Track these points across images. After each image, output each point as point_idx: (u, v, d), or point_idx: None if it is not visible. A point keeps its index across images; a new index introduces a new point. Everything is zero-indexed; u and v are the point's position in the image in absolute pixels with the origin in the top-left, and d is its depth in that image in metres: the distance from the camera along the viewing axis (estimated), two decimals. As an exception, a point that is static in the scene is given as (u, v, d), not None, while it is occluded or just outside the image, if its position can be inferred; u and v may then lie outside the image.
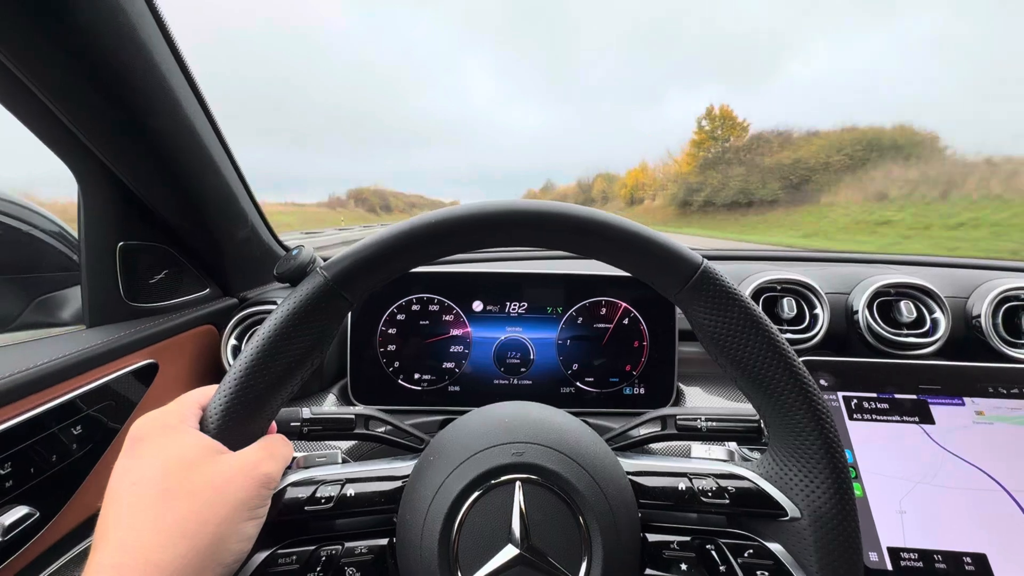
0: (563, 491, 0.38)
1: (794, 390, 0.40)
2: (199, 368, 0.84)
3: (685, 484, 0.43)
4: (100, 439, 0.63)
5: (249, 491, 0.36)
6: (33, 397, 0.55)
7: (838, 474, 0.39)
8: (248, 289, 0.99)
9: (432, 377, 0.87)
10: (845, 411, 0.62)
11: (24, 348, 0.63)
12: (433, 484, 0.39)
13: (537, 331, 0.87)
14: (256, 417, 0.40)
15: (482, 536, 0.37)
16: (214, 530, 0.33)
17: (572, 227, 0.40)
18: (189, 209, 0.79)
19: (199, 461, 0.35)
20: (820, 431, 0.39)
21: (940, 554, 0.54)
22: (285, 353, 0.39)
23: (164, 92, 0.64)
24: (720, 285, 0.40)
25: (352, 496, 0.42)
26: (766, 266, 1.00)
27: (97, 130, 0.63)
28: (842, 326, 0.93)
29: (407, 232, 0.39)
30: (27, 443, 0.53)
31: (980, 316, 0.89)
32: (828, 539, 0.39)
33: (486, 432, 0.42)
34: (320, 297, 0.39)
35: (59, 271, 0.86)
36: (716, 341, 0.41)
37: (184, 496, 0.34)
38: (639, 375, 0.87)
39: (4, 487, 0.51)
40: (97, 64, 0.56)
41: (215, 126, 0.77)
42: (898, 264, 1.09)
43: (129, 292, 0.75)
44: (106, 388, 0.64)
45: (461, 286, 0.87)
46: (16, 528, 0.52)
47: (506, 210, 0.40)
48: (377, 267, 0.40)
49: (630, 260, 0.42)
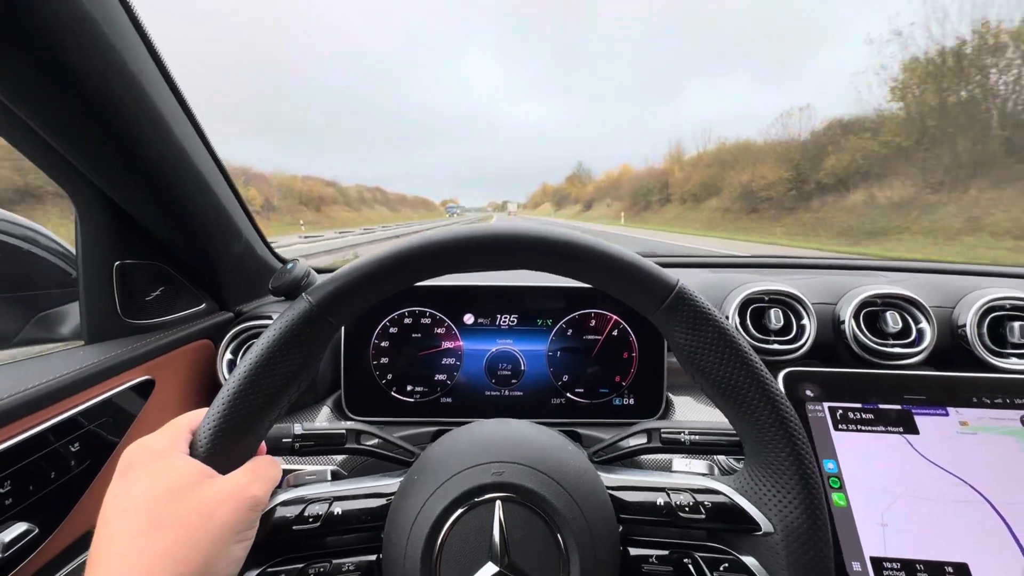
0: (542, 509, 0.39)
1: (766, 408, 0.41)
2: (195, 383, 0.85)
3: (664, 499, 0.44)
4: (98, 455, 0.65)
5: (238, 514, 0.37)
6: (34, 416, 0.57)
7: (810, 490, 0.40)
8: (244, 303, 1.00)
9: (424, 389, 0.88)
10: (831, 421, 0.62)
11: (26, 365, 0.64)
12: (416, 503, 0.40)
13: (528, 343, 0.88)
14: (245, 439, 0.41)
15: (463, 554, 0.38)
16: (203, 555, 0.34)
17: (551, 251, 0.41)
18: (183, 228, 0.80)
19: (188, 487, 0.36)
20: (792, 448, 0.41)
21: (922, 563, 0.55)
22: (272, 377, 0.40)
23: (156, 119, 0.66)
24: (694, 305, 0.41)
25: (339, 515, 0.43)
26: (754, 274, 1.01)
27: (91, 158, 0.65)
28: (829, 336, 0.94)
29: (391, 258, 0.41)
30: (27, 460, 0.55)
31: (966, 326, 0.90)
32: (799, 554, 0.40)
33: (468, 452, 0.43)
34: (305, 322, 0.40)
35: (58, 288, 0.87)
36: (691, 360, 0.42)
37: (173, 523, 0.35)
38: (628, 386, 0.88)
39: (4, 504, 0.52)
40: (90, 98, 0.58)
41: (207, 144, 0.78)
42: (885, 271, 1.10)
43: (126, 309, 0.77)
44: (104, 405, 0.66)
45: (453, 299, 0.89)
46: (16, 544, 0.53)
47: (486, 235, 0.41)
48: (360, 292, 0.41)
49: (609, 281, 0.43)
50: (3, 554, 0.51)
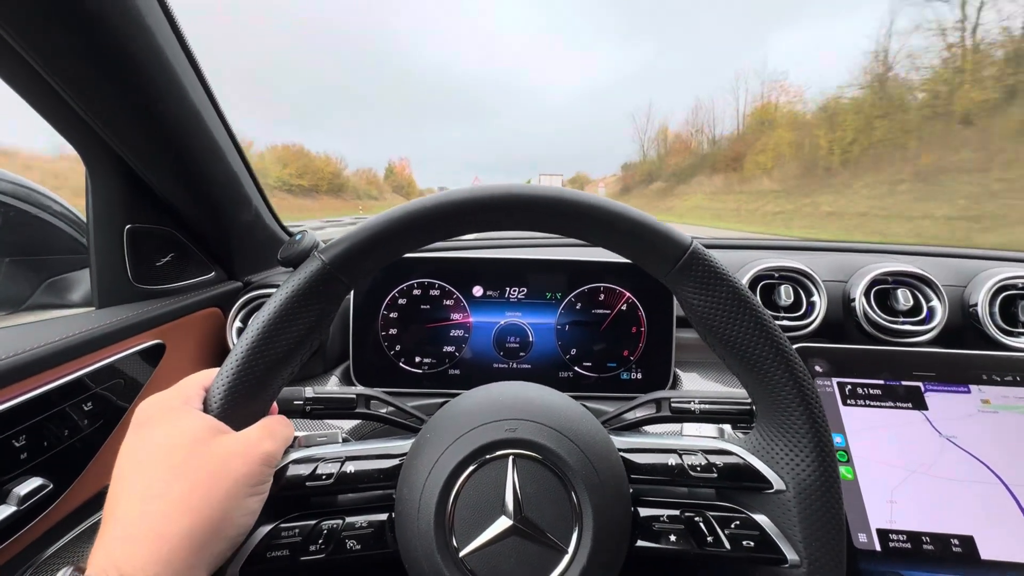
0: (555, 465, 0.39)
1: (781, 368, 0.41)
2: (205, 349, 0.86)
3: (675, 460, 0.44)
4: (110, 416, 0.65)
5: (250, 467, 0.38)
6: (48, 373, 0.57)
7: (822, 448, 0.41)
8: (252, 273, 1.01)
9: (433, 360, 0.88)
10: (839, 396, 0.63)
11: (39, 326, 0.65)
12: (430, 459, 0.40)
13: (536, 316, 0.88)
14: (257, 398, 0.41)
15: (477, 508, 0.38)
16: (218, 504, 0.35)
17: (566, 210, 0.41)
18: (195, 193, 0.80)
19: (202, 441, 0.37)
20: (806, 407, 0.41)
21: (928, 536, 0.55)
22: (284, 335, 0.40)
23: (171, 79, 0.66)
24: (708, 265, 0.41)
25: (352, 473, 0.44)
26: (764, 255, 1.00)
27: (107, 116, 0.64)
28: (839, 314, 0.93)
29: (402, 216, 0.40)
30: (40, 417, 0.55)
31: (977, 304, 0.89)
32: (812, 510, 0.40)
33: (481, 410, 0.43)
34: (318, 280, 0.40)
35: (67, 254, 0.87)
36: (705, 321, 0.42)
37: (188, 472, 0.35)
38: (636, 360, 0.88)
39: (19, 459, 0.53)
40: (108, 52, 0.58)
41: (220, 112, 0.78)
42: (895, 253, 1.09)
43: (137, 274, 0.77)
44: (116, 366, 0.66)
45: (461, 272, 0.88)
46: (31, 498, 0.53)
47: (499, 194, 0.41)
48: (373, 250, 0.41)
49: (622, 242, 0.43)
50: (20, 507, 0.52)
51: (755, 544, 0.41)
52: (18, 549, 0.55)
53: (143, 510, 0.34)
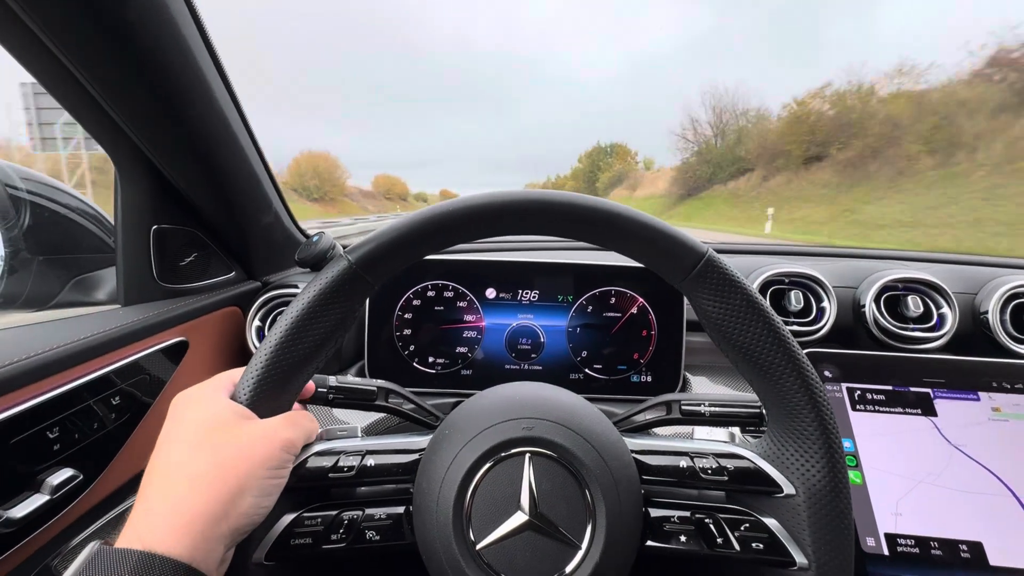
0: (570, 464, 0.41)
1: (792, 374, 0.41)
2: (225, 347, 0.88)
3: (686, 462, 0.45)
4: (136, 410, 0.67)
5: (271, 451, 0.40)
6: (78, 368, 0.59)
7: (832, 453, 0.41)
8: (270, 273, 1.03)
9: (446, 361, 0.90)
10: (848, 402, 0.63)
11: (69, 323, 0.67)
12: (448, 455, 0.42)
13: (548, 319, 0.89)
14: (283, 391, 0.43)
15: (494, 503, 0.40)
16: (235, 482, 0.37)
17: (583, 216, 0.42)
18: (218, 195, 0.83)
19: (228, 423, 0.39)
20: (816, 413, 0.41)
21: (936, 541, 0.55)
22: (311, 332, 0.42)
23: (200, 84, 0.68)
24: (723, 273, 0.42)
25: (372, 466, 0.45)
26: (775, 260, 1.01)
27: (139, 121, 0.67)
28: (849, 320, 0.94)
29: (426, 219, 0.42)
30: (71, 411, 0.58)
31: (988, 312, 0.89)
32: (821, 514, 0.41)
33: (498, 409, 0.44)
34: (344, 280, 0.42)
35: (94, 252, 0.90)
36: (719, 327, 0.43)
37: (209, 449, 0.38)
38: (647, 363, 0.89)
39: (52, 450, 0.55)
40: (143, 58, 0.60)
41: (243, 116, 0.80)
42: (905, 260, 1.09)
43: (161, 273, 0.79)
44: (141, 363, 0.68)
45: (475, 274, 0.90)
46: (63, 488, 0.56)
47: (517, 200, 0.42)
48: (397, 252, 0.42)
49: (638, 249, 0.43)
50: (52, 496, 0.54)
51: (764, 546, 0.42)
52: (50, 536, 0.57)
53: (165, 486, 0.36)
